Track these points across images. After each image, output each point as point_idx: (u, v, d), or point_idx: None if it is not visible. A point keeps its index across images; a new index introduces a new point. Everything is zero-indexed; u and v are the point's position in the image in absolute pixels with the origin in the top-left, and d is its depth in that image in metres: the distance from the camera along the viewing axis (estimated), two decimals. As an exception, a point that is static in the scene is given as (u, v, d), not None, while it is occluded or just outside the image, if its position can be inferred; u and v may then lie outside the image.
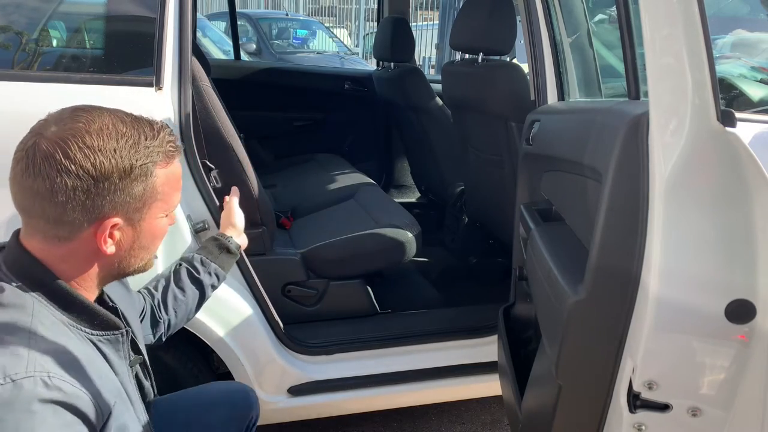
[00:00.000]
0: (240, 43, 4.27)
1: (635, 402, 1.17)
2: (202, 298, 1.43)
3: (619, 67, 1.63)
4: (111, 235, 0.93)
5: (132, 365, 1.07)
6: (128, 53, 1.66)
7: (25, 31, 1.65)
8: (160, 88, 1.53)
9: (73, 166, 0.86)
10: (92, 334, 0.96)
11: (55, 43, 1.74)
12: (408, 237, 2.15)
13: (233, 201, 1.56)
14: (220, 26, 8.95)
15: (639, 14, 1.09)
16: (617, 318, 1.16)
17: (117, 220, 0.92)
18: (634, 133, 1.11)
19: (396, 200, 2.89)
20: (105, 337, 0.98)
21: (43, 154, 0.86)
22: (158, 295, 1.37)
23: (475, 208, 2.73)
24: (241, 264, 1.74)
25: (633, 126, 1.11)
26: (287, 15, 11.60)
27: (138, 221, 0.95)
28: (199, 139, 1.65)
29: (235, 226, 1.54)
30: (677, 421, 1.17)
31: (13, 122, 1.45)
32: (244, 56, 4.88)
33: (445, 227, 3.00)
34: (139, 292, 1.35)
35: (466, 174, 2.75)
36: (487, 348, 2.01)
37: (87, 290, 0.97)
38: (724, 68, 2.05)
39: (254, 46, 9.01)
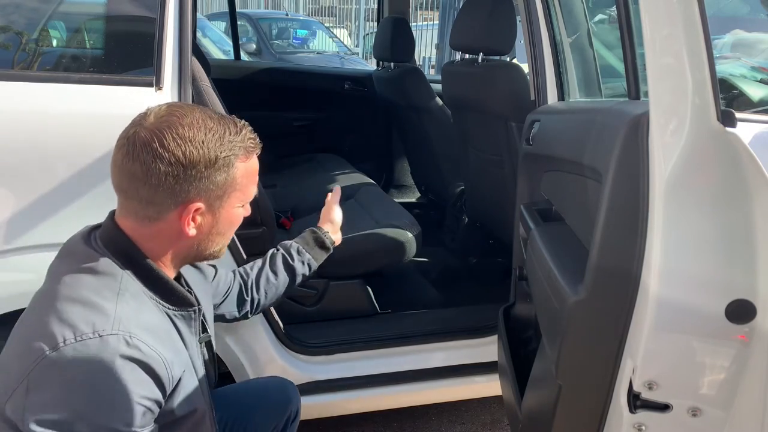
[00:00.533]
0: (240, 43, 4.27)
1: (635, 402, 1.17)
2: (292, 284, 1.57)
3: (619, 67, 1.63)
4: (193, 219, 1.03)
5: (201, 342, 1.17)
6: (128, 53, 1.65)
7: (25, 31, 1.65)
8: (160, 88, 1.53)
9: (166, 154, 0.96)
10: (169, 308, 1.06)
11: (55, 43, 1.73)
12: (408, 237, 2.14)
13: (334, 198, 1.71)
14: (220, 26, 8.95)
15: (639, 14, 1.09)
16: (617, 318, 1.16)
17: (200, 204, 1.02)
18: (634, 133, 1.11)
19: (396, 200, 2.89)
20: (180, 312, 1.08)
21: (142, 141, 0.97)
22: (253, 275, 1.53)
23: (475, 208, 2.73)
24: (241, 264, 1.74)
25: (633, 126, 1.11)
26: (287, 15, 11.60)
27: (218, 208, 1.05)
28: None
29: (333, 222, 1.68)
30: (677, 421, 1.17)
31: (12, 122, 1.46)
32: (244, 56, 4.88)
33: (445, 227, 3.00)
34: (233, 271, 1.51)
35: (466, 174, 2.75)
36: (487, 348, 2.01)
37: (168, 269, 1.07)
38: (724, 68, 2.05)
39: (254, 46, 9.01)
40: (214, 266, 1.41)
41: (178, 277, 1.14)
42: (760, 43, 2.30)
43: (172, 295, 1.06)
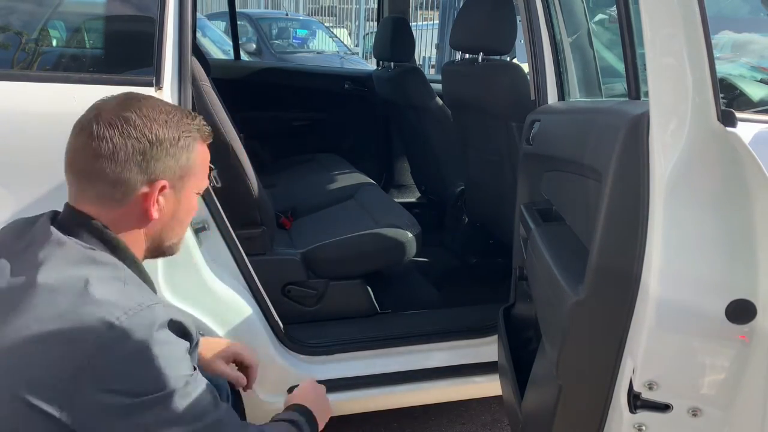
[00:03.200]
0: (240, 43, 4.27)
1: (635, 402, 1.17)
2: None
3: (620, 66, 1.63)
4: (157, 201, 1.05)
5: None
6: (128, 53, 1.65)
7: (24, 30, 1.65)
8: (160, 88, 1.53)
9: (134, 131, 1.00)
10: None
11: (54, 42, 1.74)
12: (408, 237, 2.14)
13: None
14: (220, 26, 8.94)
15: (639, 14, 1.09)
16: (617, 318, 1.16)
17: (164, 182, 1.04)
18: (634, 132, 1.11)
19: (396, 200, 2.88)
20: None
21: (107, 122, 1.00)
22: None
23: (475, 208, 2.73)
24: (241, 264, 1.74)
25: (633, 126, 1.11)
26: (287, 15, 11.59)
27: (180, 190, 1.08)
28: (199, 139, 1.65)
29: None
30: (678, 422, 1.17)
31: (12, 122, 1.46)
32: (244, 56, 4.87)
33: (445, 227, 2.99)
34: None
35: (466, 174, 2.75)
36: (487, 348, 2.01)
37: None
38: (724, 68, 2.04)
39: (254, 46, 9.01)
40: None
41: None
42: (750, 44, 2.30)
43: (145, 279, 1.07)
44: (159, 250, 1.13)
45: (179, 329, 0.98)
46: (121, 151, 0.99)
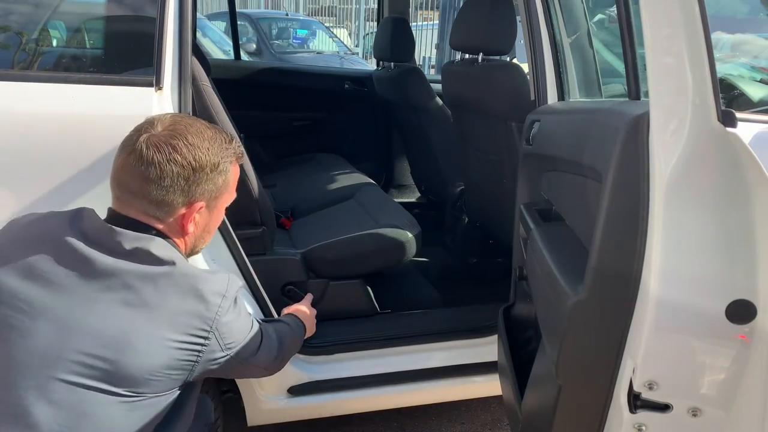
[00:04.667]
0: (240, 43, 4.26)
1: (635, 402, 1.17)
2: None
3: (620, 67, 1.63)
4: (194, 218, 1.17)
5: None
6: (128, 53, 1.65)
7: (24, 31, 1.65)
8: (160, 88, 1.52)
9: (179, 158, 1.10)
10: None
11: (54, 43, 1.73)
12: (408, 237, 2.14)
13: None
14: (220, 26, 8.95)
15: (639, 14, 1.09)
16: (617, 318, 1.16)
17: (202, 203, 1.16)
18: (634, 133, 1.11)
19: (396, 200, 2.88)
20: None
21: (155, 146, 1.09)
22: None
23: (475, 208, 2.73)
24: (240, 264, 1.74)
25: (633, 126, 1.11)
26: (287, 15, 11.60)
27: (213, 207, 1.21)
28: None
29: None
30: (678, 422, 1.17)
31: (13, 122, 1.46)
32: (244, 56, 4.87)
33: (445, 227, 2.99)
34: None
35: (466, 174, 2.75)
36: (487, 348, 2.01)
37: None
38: (724, 68, 2.04)
39: (254, 46, 9.01)
40: None
41: None
42: (743, 45, 2.30)
43: None
44: (189, 254, 1.25)
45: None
46: (167, 178, 1.09)
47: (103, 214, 1.16)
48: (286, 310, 1.71)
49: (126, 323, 1.06)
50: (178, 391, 1.15)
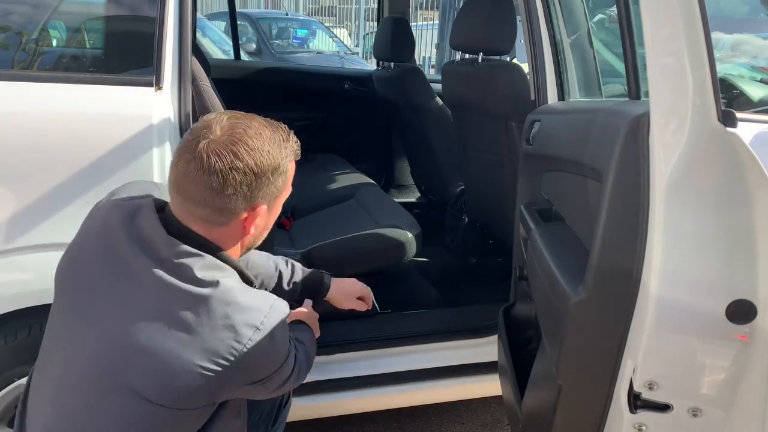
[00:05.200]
0: (240, 43, 4.26)
1: (636, 402, 1.17)
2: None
3: (620, 66, 1.63)
4: (255, 220, 1.14)
5: None
6: (128, 53, 1.65)
7: (24, 30, 1.65)
8: (160, 88, 1.52)
9: (241, 165, 1.06)
10: None
11: (54, 42, 1.73)
12: (408, 237, 2.14)
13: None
14: (220, 26, 8.94)
15: (639, 14, 1.09)
16: (618, 318, 1.16)
17: (264, 206, 1.13)
18: (634, 132, 1.11)
19: (396, 200, 2.88)
20: None
21: (217, 154, 1.05)
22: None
23: (475, 208, 2.73)
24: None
25: (633, 126, 1.11)
26: (287, 15, 11.59)
27: (272, 207, 1.18)
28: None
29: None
30: (678, 422, 1.17)
31: (13, 122, 1.46)
32: (244, 56, 4.87)
33: (445, 227, 2.99)
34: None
35: (466, 174, 2.75)
36: (487, 348, 2.01)
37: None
38: (724, 68, 2.04)
39: (254, 46, 9.00)
40: None
41: None
42: (742, 44, 2.30)
43: (244, 279, 1.19)
44: (246, 251, 1.24)
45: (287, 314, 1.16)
46: (229, 186, 1.06)
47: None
48: (290, 317, 1.68)
49: (155, 339, 1.04)
50: (208, 409, 1.13)
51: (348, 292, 1.65)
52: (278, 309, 1.13)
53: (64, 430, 1.07)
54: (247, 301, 1.09)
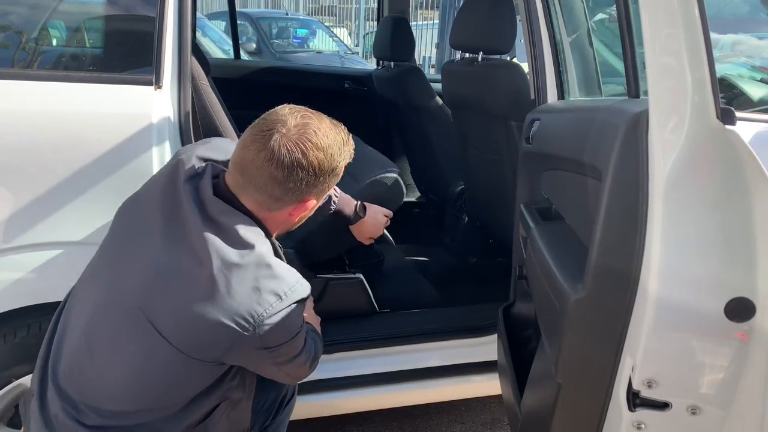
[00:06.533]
0: (240, 42, 4.26)
1: (635, 400, 1.17)
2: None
3: (620, 66, 1.63)
4: (302, 212, 1.24)
5: None
6: (128, 52, 1.65)
7: (24, 30, 1.66)
8: (159, 87, 1.53)
9: (306, 163, 1.14)
10: None
11: (54, 42, 1.74)
12: (388, 184, 2.12)
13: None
14: (220, 26, 8.95)
15: (639, 13, 1.09)
16: (617, 316, 1.16)
17: (314, 201, 1.24)
18: (634, 131, 1.11)
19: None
20: None
21: (287, 148, 1.13)
22: None
23: (475, 207, 2.73)
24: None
25: (633, 124, 1.11)
26: (287, 14, 11.60)
27: (318, 201, 1.27)
28: (198, 139, 1.65)
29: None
30: (677, 420, 1.17)
31: (13, 121, 1.46)
32: (244, 56, 4.87)
33: (445, 227, 2.99)
34: None
35: (466, 173, 2.75)
36: (487, 347, 2.01)
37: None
38: (724, 68, 2.05)
39: (254, 45, 9.01)
40: None
41: None
42: (738, 45, 2.30)
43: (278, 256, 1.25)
44: (283, 232, 1.31)
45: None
46: (291, 181, 1.14)
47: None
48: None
49: (186, 287, 1.11)
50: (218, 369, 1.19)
51: (370, 232, 1.81)
52: (303, 285, 1.19)
53: (93, 344, 1.16)
54: (278, 270, 1.15)
